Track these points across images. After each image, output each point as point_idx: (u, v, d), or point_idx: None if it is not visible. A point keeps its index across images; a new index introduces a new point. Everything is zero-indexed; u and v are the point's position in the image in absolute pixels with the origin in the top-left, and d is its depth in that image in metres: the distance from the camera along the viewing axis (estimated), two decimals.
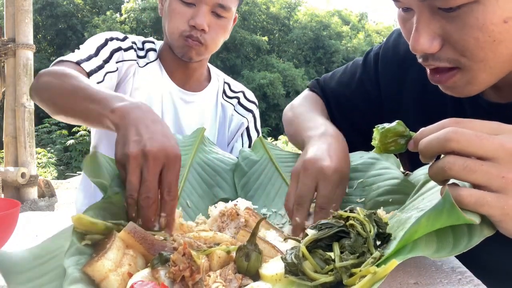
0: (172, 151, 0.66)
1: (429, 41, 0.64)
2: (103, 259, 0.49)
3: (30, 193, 4.39)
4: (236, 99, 1.43)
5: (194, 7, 1.19)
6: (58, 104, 0.92)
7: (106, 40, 1.24)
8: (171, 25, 1.21)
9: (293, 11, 27.94)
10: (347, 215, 0.52)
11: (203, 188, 0.87)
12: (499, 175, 0.48)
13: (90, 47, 1.20)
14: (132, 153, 0.63)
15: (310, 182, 0.70)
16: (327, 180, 0.69)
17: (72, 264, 0.49)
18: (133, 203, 0.63)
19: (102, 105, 0.77)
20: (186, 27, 1.19)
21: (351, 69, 1.04)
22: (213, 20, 1.21)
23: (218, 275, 0.50)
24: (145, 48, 1.33)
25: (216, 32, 1.23)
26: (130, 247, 0.54)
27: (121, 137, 0.68)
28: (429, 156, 0.53)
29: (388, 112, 0.96)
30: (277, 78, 21.86)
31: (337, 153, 0.75)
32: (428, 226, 0.46)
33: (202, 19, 1.18)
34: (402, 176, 0.75)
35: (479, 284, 0.54)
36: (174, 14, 1.20)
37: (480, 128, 0.50)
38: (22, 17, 4.15)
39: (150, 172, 0.63)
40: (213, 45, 1.25)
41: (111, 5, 24.05)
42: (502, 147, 0.48)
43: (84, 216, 0.55)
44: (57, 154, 11.59)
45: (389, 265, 0.43)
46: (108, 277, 0.48)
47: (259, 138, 1.02)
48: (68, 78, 0.93)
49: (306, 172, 0.71)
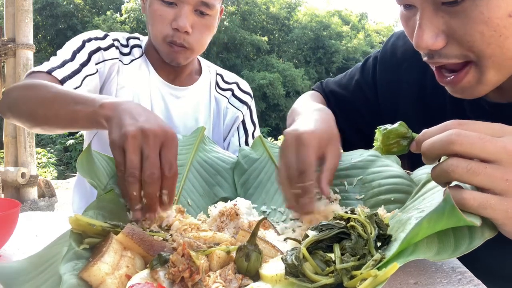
0: (169, 130, 0.68)
1: (433, 37, 0.63)
2: (99, 263, 0.48)
3: (30, 193, 4.39)
4: (230, 91, 1.37)
5: (175, 7, 1.13)
6: (39, 114, 0.88)
7: (83, 42, 1.19)
8: (154, 29, 1.16)
9: (293, 11, 27.95)
10: (348, 216, 0.52)
11: (203, 187, 0.87)
12: (503, 177, 0.48)
13: (66, 52, 1.16)
14: (131, 132, 0.64)
15: (291, 151, 0.71)
16: (304, 145, 0.70)
17: (69, 270, 0.49)
18: (135, 181, 0.63)
19: (88, 104, 0.76)
20: (169, 31, 1.14)
21: (351, 72, 1.06)
22: (197, 19, 1.16)
23: (218, 275, 0.50)
24: (129, 45, 1.28)
25: (201, 32, 1.18)
26: (128, 248, 0.54)
27: (115, 124, 0.68)
28: (432, 158, 0.53)
29: (387, 114, 0.96)
30: (277, 78, 21.86)
31: (320, 122, 0.76)
32: (429, 228, 0.46)
33: (185, 21, 1.12)
34: (404, 174, 0.75)
35: (479, 284, 0.54)
36: (156, 16, 1.14)
37: (483, 130, 0.50)
38: (22, 17, 4.15)
39: (152, 149, 0.64)
40: (199, 46, 1.20)
41: (111, 5, 24.05)
42: (505, 150, 0.48)
43: (82, 217, 0.55)
44: (57, 154, 11.59)
45: (390, 269, 0.42)
46: (105, 281, 0.48)
47: (258, 137, 1.02)
48: (44, 88, 0.90)
49: (287, 143, 0.72)
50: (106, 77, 1.20)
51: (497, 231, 0.48)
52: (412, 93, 0.91)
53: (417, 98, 0.90)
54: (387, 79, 0.96)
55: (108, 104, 0.74)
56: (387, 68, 0.96)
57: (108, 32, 1.27)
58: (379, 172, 0.78)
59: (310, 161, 0.69)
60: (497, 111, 0.75)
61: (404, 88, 0.92)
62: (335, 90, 1.06)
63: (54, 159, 10.34)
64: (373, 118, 0.97)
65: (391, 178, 0.75)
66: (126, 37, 1.29)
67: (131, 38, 1.30)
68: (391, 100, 0.95)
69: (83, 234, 0.56)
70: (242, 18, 24.69)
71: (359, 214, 0.52)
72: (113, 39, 1.24)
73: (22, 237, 0.78)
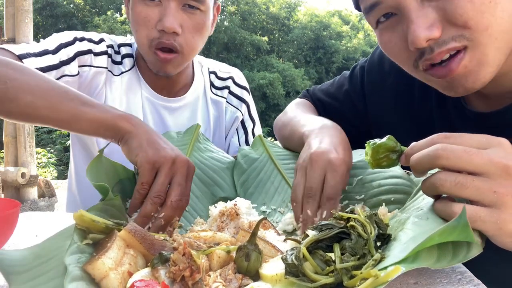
0: (192, 163, 0.75)
1: (429, 28, 0.63)
2: (104, 257, 0.49)
3: (30, 193, 4.39)
4: (227, 89, 1.28)
5: (159, 4, 1.00)
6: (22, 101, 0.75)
7: (75, 39, 1.07)
8: (138, 34, 1.03)
9: (293, 11, 27.94)
10: (348, 216, 0.52)
11: (200, 188, 0.87)
12: (491, 189, 0.48)
13: (52, 42, 1.04)
14: (169, 158, 0.70)
15: (318, 174, 0.70)
16: (336, 171, 0.70)
17: (73, 262, 0.49)
18: (158, 203, 0.68)
19: (99, 109, 0.76)
20: (154, 33, 1.00)
21: (338, 81, 1.05)
22: (186, 17, 1.01)
23: (218, 275, 0.50)
24: (121, 53, 1.16)
25: (192, 32, 1.03)
26: (130, 246, 0.54)
27: (146, 143, 0.72)
28: (420, 172, 0.54)
29: (376, 124, 0.96)
30: (277, 78, 21.86)
31: (341, 144, 0.76)
32: (439, 241, 0.46)
33: (171, 20, 0.98)
34: (404, 175, 0.75)
35: (479, 284, 0.54)
36: (139, 19, 1.01)
37: (469, 143, 0.51)
38: (22, 17, 4.15)
39: (184, 179, 0.71)
40: (191, 49, 1.05)
41: (112, 5, 24.04)
42: (492, 162, 0.48)
43: (86, 213, 0.56)
44: (57, 154, 11.59)
45: (393, 271, 0.42)
46: (108, 275, 0.48)
47: (258, 136, 1.01)
48: (31, 72, 0.79)
49: (314, 164, 0.71)
50: (88, 84, 1.10)
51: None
52: (400, 105, 0.91)
53: (405, 110, 0.90)
54: (375, 90, 0.96)
55: (128, 117, 0.76)
56: (375, 79, 0.96)
57: (106, 35, 1.18)
58: (379, 172, 0.78)
59: (339, 188, 0.69)
60: (482, 120, 0.75)
61: (392, 99, 0.92)
62: (322, 99, 1.06)
63: (54, 159, 10.34)
64: (363, 127, 0.98)
65: (391, 178, 0.75)
66: (118, 43, 1.18)
67: (122, 45, 1.18)
68: (379, 112, 0.95)
69: (87, 230, 0.56)
70: (242, 18, 24.68)
71: (359, 214, 0.52)
72: (108, 45, 1.14)
73: (22, 237, 0.78)
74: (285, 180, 0.88)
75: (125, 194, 0.75)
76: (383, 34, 0.71)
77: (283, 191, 0.85)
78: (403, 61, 0.71)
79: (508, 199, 0.47)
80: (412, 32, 0.63)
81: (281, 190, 0.86)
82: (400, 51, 0.69)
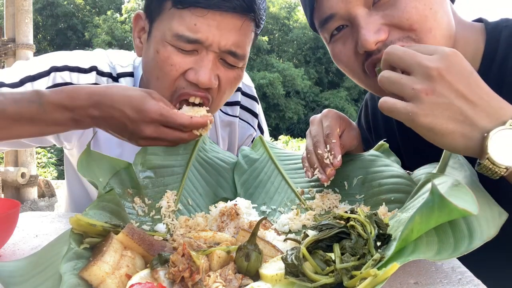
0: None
1: (377, 32, 0.70)
2: (100, 262, 0.48)
3: (30, 193, 4.39)
4: (237, 105, 1.20)
5: (195, 54, 0.86)
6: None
7: (52, 69, 0.92)
8: (160, 82, 0.87)
9: (293, 11, 27.92)
10: (348, 216, 0.52)
11: (203, 187, 0.87)
12: (410, 86, 0.55)
13: (19, 70, 0.90)
14: None
15: (317, 124, 0.84)
16: (327, 116, 0.84)
17: (69, 270, 0.49)
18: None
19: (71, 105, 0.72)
20: (180, 83, 0.86)
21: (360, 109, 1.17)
22: (222, 71, 0.88)
23: (218, 275, 0.50)
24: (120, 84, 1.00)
25: (226, 89, 0.89)
26: (128, 248, 0.54)
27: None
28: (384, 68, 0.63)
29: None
30: (277, 78, 21.86)
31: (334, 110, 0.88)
32: (422, 224, 0.46)
33: (209, 74, 0.84)
34: (404, 174, 0.75)
35: (479, 284, 0.54)
36: (166, 66, 0.85)
37: (420, 49, 0.58)
38: (22, 17, 4.14)
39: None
40: (218, 105, 0.93)
41: (112, 5, 24.05)
42: (418, 63, 0.56)
43: (82, 217, 0.55)
44: (57, 154, 11.57)
45: (390, 268, 0.42)
46: (105, 280, 0.48)
47: (259, 137, 1.01)
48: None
49: (313, 121, 0.86)
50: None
51: (497, 232, 0.48)
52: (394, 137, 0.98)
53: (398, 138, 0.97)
54: (375, 126, 1.06)
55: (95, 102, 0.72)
56: (375, 115, 1.07)
57: (106, 57, 1.03)
58: (379, 172, 0.78)
59: (333, 125, 0.80)
60: None
61: (387, 133, 1.00)
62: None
63: (54, 159, 10.34)
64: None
65: (391, 178, 0.76)
66: (118, 72, 1.02)
67: (122, 75, 1.02)
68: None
69: (84, 234, 0.56)
70: None
71: (359, 214, 0.52)
72: (101, 72, 0.98)
73: (22, 237, 0.78)
74: (285, 180, 0.88)
75: (125, 185, 0.75)
76: (336, 46, 0.79)
77: (283, 191, 0.86)
78: (354, 69, 0.79)
79: (422, 96, 0.55)
80: (361, 36, 0.71)
81: (281, 190, 0.86)
82: (350, 58, 0.77)
